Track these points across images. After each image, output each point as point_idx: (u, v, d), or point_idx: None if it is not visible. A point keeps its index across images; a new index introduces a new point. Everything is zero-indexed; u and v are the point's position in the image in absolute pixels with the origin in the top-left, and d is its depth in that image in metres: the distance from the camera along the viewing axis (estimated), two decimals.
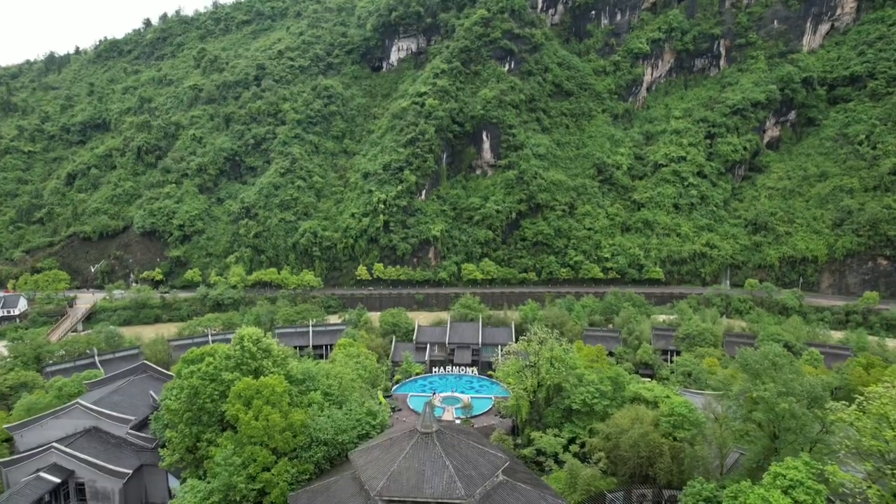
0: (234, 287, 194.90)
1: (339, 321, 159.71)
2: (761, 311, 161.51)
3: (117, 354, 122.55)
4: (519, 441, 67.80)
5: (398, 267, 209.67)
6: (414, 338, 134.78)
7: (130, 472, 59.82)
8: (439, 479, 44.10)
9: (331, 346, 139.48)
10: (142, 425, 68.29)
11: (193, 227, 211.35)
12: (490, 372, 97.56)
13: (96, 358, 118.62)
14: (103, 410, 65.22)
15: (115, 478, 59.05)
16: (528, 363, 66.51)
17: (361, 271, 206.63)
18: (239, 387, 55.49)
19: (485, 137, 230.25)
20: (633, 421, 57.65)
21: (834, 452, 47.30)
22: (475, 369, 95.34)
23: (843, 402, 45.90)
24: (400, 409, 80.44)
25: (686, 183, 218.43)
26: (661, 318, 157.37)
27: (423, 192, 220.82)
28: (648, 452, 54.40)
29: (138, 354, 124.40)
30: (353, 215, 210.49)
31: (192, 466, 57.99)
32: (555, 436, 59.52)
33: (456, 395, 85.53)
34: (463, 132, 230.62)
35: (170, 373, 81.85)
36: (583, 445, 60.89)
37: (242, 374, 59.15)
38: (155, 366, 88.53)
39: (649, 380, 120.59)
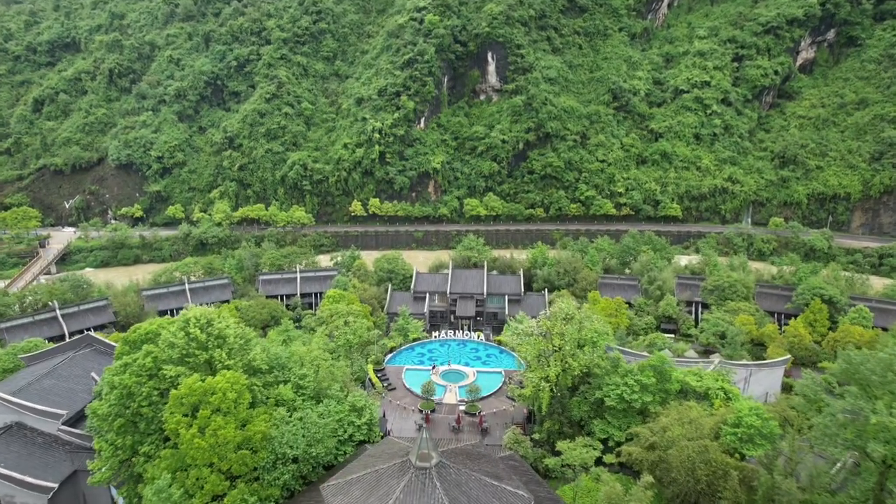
0: (219, 225, 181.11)
1: (330, 264, 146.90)
2: (794, 256, 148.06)
3: (83, 307, 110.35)
4: (537, 436, 56.09)
5: (395, 202, 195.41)
6: (412, 286, 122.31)
7: (56, 486, 48.19)
8: None
9: (320, 294, 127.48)
10: (80, 418, 56.32)
11: (173, 159, 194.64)
12: (497, 338, 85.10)
13: (58, 312, 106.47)
14: (26, 403, 52.97)
15: (38, 493, 47.49)
16: (552, 347, 53.63)
17: (356, 207, 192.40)
18: (181, 391, 42.76)
19: (490, 59, 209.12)
20: (684, 428, 45.33)
21: None
22: (481, 333, 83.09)
23: None
24: (394, 388, 68.49)
25: (709, 111, 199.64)
26: (683, 261, 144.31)
27: (422, 119, 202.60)
28: (708, 475, 42.38)
29: (107, 306, 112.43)
30: (345, 146, 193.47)
31: (131, 482, 46.31)
32: (585, 445, 47.39)
33: (459, 368, 73.46)
34: (466, 53, 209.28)
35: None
36: (619, 453, 48.94)
37: (189, 368, 46.35)
38: (103, 338, 75.90)
39: (672, 336, 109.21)
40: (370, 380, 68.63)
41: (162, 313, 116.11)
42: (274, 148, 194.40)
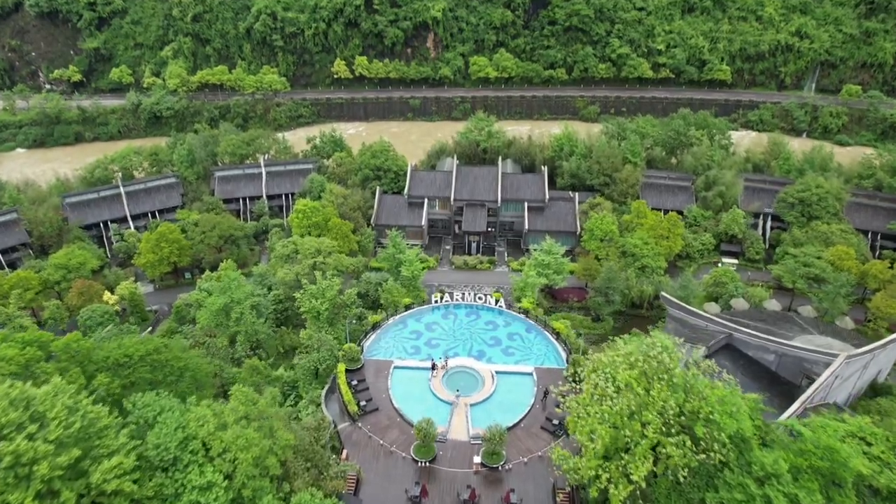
0: (174, 92, 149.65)
1: (307, 147, 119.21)
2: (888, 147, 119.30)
3: None
4: None
5: (387, 61, 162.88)
6: (406, 189, 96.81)
7: None
8: None
9: (292, 195, 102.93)
10: None
11: (110, 6, 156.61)
12: (523, 303, 61.45)
13: None
14: None
15: None
16: (639, 429, 30.65)
17: (339, 67, 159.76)
18: None
19: None
20: None
21: None
22: (500, 297, 59.54)
23: None
24: (376, 409, 46.30)
25: None
26: (741, 141, 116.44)
27: None
28: None
29: (16, 222, 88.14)
30: None
31: None
32: None
33: (469, 365, 50.97)
34: None
35: None
36: None
37: None
38: None
39: (734, 261, 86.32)
40: (340, 395, 46.84)
41: (89, 228, 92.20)
42: None
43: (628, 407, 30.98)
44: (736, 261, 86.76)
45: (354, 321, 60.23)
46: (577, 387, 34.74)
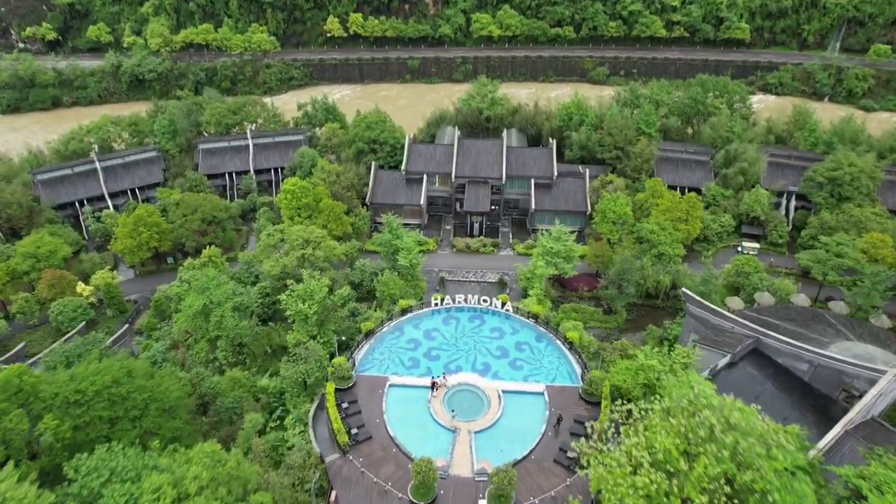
0: (157, 53, 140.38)
1: (298, 115, 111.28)
2: None
3: None
4: None
5: (383, 18, 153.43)
6: (404, 164, 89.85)
7: None
8: None
9: (282, 169, 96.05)
10: None
11: None
12: (530, 305, 55.32)
13: None
14: None
15: None
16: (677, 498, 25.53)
17: (332, 25, 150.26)
18: None
19: None
20: None
21: None
22: (508, 299, 53.31)
23: None
24: (369, 438, 41.10)
25: None
26: (760, 113, 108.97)
27: None
28: None
29: None
30: None
31: None
32: None
33: (472, 382, 45.53)
34: None
35: None
36: None
37: None
38: None
39: (756, 245, 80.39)
40: (328, 419, 41.61)
41: (63, 208, 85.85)
42: None
43: (668, 482, 25.72)
44: (757, 245, 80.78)
45: (344, 337, 54.70)
46: (605, 446, 29.18)
